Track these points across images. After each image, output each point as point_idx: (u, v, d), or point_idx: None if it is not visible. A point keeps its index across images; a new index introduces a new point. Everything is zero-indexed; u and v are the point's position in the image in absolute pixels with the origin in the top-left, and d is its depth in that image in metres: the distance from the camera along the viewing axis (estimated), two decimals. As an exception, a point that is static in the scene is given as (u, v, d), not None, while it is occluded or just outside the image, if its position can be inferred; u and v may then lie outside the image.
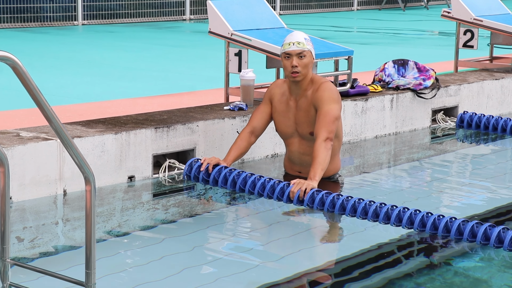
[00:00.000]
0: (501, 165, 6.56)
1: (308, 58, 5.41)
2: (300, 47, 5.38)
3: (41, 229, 4.69)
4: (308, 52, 5.41)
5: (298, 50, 5.38)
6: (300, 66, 5.38)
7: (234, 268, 4.15)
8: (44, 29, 14.95)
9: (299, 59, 5.39)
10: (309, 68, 5.43)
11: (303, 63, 5.39)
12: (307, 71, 5.42)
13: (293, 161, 5.64)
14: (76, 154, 3.06)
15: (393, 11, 20.46)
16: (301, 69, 5.38)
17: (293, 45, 5.39)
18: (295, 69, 5.37)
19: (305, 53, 5.39)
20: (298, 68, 5.38)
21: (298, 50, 5.38)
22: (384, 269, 4.21)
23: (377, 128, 7.12)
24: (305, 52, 5.39)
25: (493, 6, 8.97)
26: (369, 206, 4.84)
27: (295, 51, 5.38)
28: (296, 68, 5.37)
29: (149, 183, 5.61)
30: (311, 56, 5.43)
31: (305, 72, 5.40)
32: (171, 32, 14.99)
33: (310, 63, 5.43)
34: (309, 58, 5.42)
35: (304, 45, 5.39)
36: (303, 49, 5.38)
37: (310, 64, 5.43)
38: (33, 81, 2.93)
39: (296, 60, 5.38)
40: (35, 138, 5.19)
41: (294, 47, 5.38)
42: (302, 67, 5.38)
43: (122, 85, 8.95)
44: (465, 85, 7.89)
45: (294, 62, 5.38)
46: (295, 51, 5.38)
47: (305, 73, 5.41)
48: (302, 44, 5.39)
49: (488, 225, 4.52)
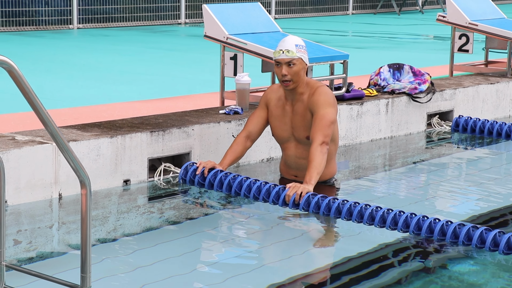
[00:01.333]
0: (496, 169, 6.57)
1: (299, 66, 5.38)
2: (289, 56, 5.35)
3: (37, 232, 4.69)
4: (298, 60, 5.37)
5: (287, 58, 5.35)
6: (290, 74, 5.36)
7: (230, 272, 4.15)
8: (39, 32, 14.95)
9: (289, 67, 5.36)
10: (300, 75, 5.39)
11: (292, 71, 5.37)
12: (298, 78, 5.40)
13: (289, 165, 5.64)
14: (72, 158, 3.06)
15: (388, 15, 20.49)
16: (291, 77, 5.36)
17: (283, 53, 5.35)
18: (285, 78, 5.36)
19: (294, 61, 5.36)
20: (288, 77, 5.36)
21: (287, 59, 5.35)
22: (379, 272, 4.21)
23: (372, 132, 7.12)
24: (294, 60, 5.36)
25: (488, 10, 8.99)
26: (364, 209, 4.85)
27: (284, 60, 5.36)
28: (286, 76, 5.36)
29: (144, 187, 5.61)
30: (302, 63, 5.39)
31: (296, 79, 5.39)
32: (167, 36, 14.99)
33: (301, 70, 5.39)
34: (300, 66, 5.38)
35: (293, 53, 5.35)
36: (292, 57, 5.35)
37: (301, 71, 5.40)
38: (29, 85, 2.93)
39: (285, 68, 5.36)
40: (31, 141, 5.19)
41: (283, 55, 5.35)
42: (292, 75, 5.37)
43: (117, 88, 8.94)
44: (460, 89, 7.90)
45: (284, 71, 5.36)
46: (284, 59, 5.35)
47: (297, 80, 5.39)
48: (292, 52, 5.35)
49: (483, 229, 4.52)
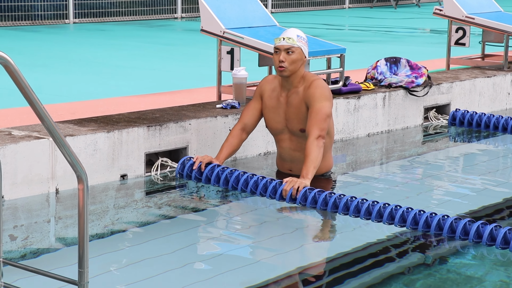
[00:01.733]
0: (493, 163, 6.57)
1: (297, 55, 5.40)
2: (289, 43, 5.38)
3: (34, 227, 4.68)
4: (297, 48, 5.40)
5: (287, 45, 5.38)
6: (287, 61, 5.38)
7: (227, 266, 4.15)
8: (35, 27, 14.92)
9: (287, 54, 5.38)
10: (297, 64, 5.41)
11: (290, 58, 5.38)
12: (295, 67, 5.41)
13: (283, 158, 5.64)
14: (69, 153, 3.05)
15: (385, 9, 20.48)
16: (287, 65, 5.38)
17: (283, 40, 5.40)
18: (282, 64, 5.38)
19: (293, 49, 5.39)
20: (285, 63, 5.38)
21: (286, 45, 5.38)
22: (377, 266, 4.21)
23: (369, 126, 7.12)
24: (293, 48, 5.39)
25: (485, 3, 8.98)
26: (361, 204, 4.85)
27: (283, 46, 5.39)
28: (283, 63, 5.38)
29: (141, 182, 5.60)
30: (301, 54, 5.42)
31: (292, 68, 5.40)
32: (163, 31, 14.97)
33: (299, 60, 5.42)
34: (298, 55, 5.41)
35: (294, 41, 5.39)
36: (292, 45, 5.38)
37: (299, 61, 5.42)
38: (25, 80, 2.92)
39: (283, 55, 5.38)
40: (27, 136, 5.18)
41: (283, 42, 5.39)
42: (289, 63, 5.38)
43: (114, 83, 8.93)
44: (457, 82, 7.90)
45: (281, 57, 5.38)
46: (284, 46, 5.39)
47: (293, 69, 5.40)
48: (293, 40, 5.39)
49: (480, 223, 4.52)
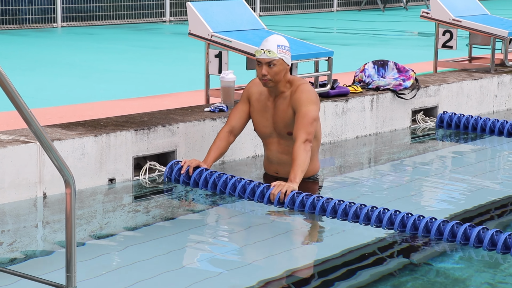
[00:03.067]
0: (480, 165, 6.59)
1: (279, 67, 5.39)
2: (270, 56, 5.36)
3: (21, 232, 4.67)
4: (278, 60, 5.37)
5: (268, 59, 5.36)
6: (270, 74, 5.38)
7: (215, 270, 4.15)
8: (23, 31, 14.88)
9: (269, 67, 5.37)
10: (280, 75, 5.40)
11: (273, 71, 5.38)
12: (278, 78, 5.41)
13: (271, 160, 5.64)
14: (56, 157, 3.05)
15: (373, 12, 20.52)
16: (270, 77, 5.38)
17: (263, 53, 5.37)
18: (265, 78, 5.38)
19: (275, 62, 5.37)
20: (267, 77, 5.38)
21: (267, 59, 5.36)
22: (365, 269, 4.21)
23: (357, 128, 7.14)
24: (275, 61, 5.37)
25: (472, 6, 9.01)
26: (349, 207, 4.85)
27: (264, 60, 5.37)
28: (265, 76, 5.38)
29: (129, 185, 5.60)
30: (282, 64, 5.40)
31: (277, 79, 5.40)
32: (151, 34, 14.96)
33: (282, 70, 5.40)
34: (280, 66, 5.39)
35: (274, 53, 5.36)
36: (272, 58, 5.36)
37: (282, 71, 5.41)
38: (12, 84, 2.92)
39: (265, 68, 5.37)
40: (14, 141, 5.16)
41: (264, 55, 5.37)
42: (272, 75, 5.38)
43: (102, 87, 8.92)
44: (445, 85, 7.93)
45: (264, 70, 5.37)
46: (265, 59, 5.37)
47: (277, 79, 5.40)
48: (273, 53, 5.36)
49: (467, 225, 4.54)
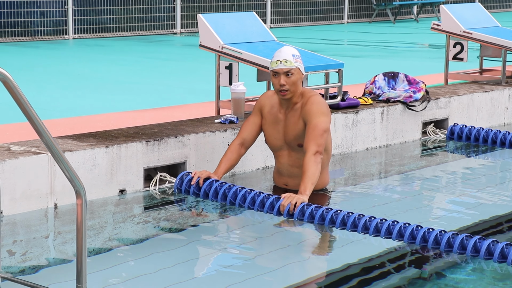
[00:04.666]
0: (491, 177, 6.57)
1: (296, 76, 5.40)
2: (287, 66, 5.37)
3: (32, 243, 4.68)
4: (296, 69, 5.39)
5: (286, 68, 5.37)
6: (288, 84, 5.38)
7: (225, 281, 4.15)
8: (35, 43, 14.95)
9: (287, 77, 5.38)
10: (297, 85, 5.42)
11: (291, 81, 5.39)
12: (296, 88, 5.42)
13: (281, 173, 5.64)
14: (67, 168, 3.07)
15: (383, 24, 20.53)
16: (289, 87, 5.39)
17: (280, 63, 5.38)
18: (283, 88, 5.38)
19: (292, 71, 5.38)
20: (286, 87, 5.38)
21: (285, 68, 5.37)
22: (374, 281, 4.21)
23: (368, 140, 7.14)
24: (292, 70, 5.38)
25: (482, 18, 9.02)
26: (358, 220, 4.85)
27: (282, 70, 5.38)
28: (284, 86, 5.38)
29: (140, 196, 5.61)
30: (299, 73, 5.42)
31: (293, 90, 5.41)
32: (162, 46, 15.00)
33: (299, 80, 5.42)
34: (297, 75, 5.41)
35: (291, 63, 5.38)
36: (290, 67, 5.37)
37: (299, 81, 5.43)
38: (24, 96, 2.94)
39: (283, 78, 5.38)
40: (26, 152, 5.19)
41: (281, 65, 5.38)
42: (290, 85, 5.39)
43: (113, 98, 8.95)
44: (455, 97, 7.92)
45: (282, 80, 5.38)
46: (282, 69, 5.38)
47: (294, 90, 5.41)
48: (290, 62, 5.38)
49: (477, 238, 4.53)
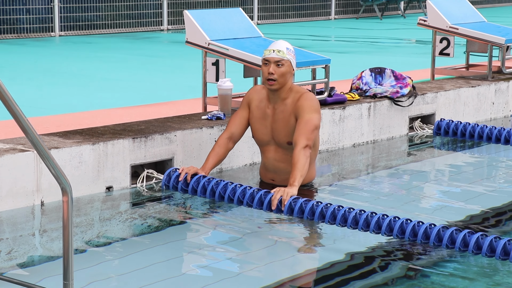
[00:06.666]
0: (478, 172, 6.59)
1: (286, 68, 5.41)
2: (279, 55, 5.39)
3: (18, 240, 4.66)
4: (287, 61, 5.41)
5: (277, 58, 5.39)
6: (277, 74, 5.39)
7: (214, 278, 4.14)
8: (21, 40, 14.90)
9: (277, 67, 5.39)
10: (286, 77, 5.43)
11: (280, 71, 5.39)
12: (284, 80, 5.42)
13: (267, 168, 5.64)
14: (53, 165, 3.05)
15: (371, 20, 20.55)
16: (277, 77, 5.39)
17: (273, 52, 5.40)
18: (271, 77, 5.38)
19: (283, 62, 5.40)
20: (274, 76, 5.38)
21: (276, 58, 5.39)
22: (363, 276, 4.21)
23: (355, 136, 7.14)
24: (283, 61, 5.40)
25: (469, 14, 9.03)
26: (348, 213, 4.85)
27: (273, 59, 5.39)
28: (272, 75, 5.38)
29: (127, 193, 5.60)
30: (290, 66, 5.43)
31: (281, 81, 5.41)
32: (149, 43, 14.97)
33: (288, 73, 5.43)
34: (287, 68, 5.42)
35: (284, 54, 5.39)
36: (282, 57, 5.39)
37: (288, 74, 5.43)
38: (8, 92, 2.92)
39: (273, 67, 5.39)
40: (12, 149, 5.16)
41: (273, 54, 5.39)
42: (279, 76, 5.39)
43: (99, 95, 8.92)
44: (442, 92, 7.93)
45: (271, 69, 5.38)
46: (274, 58, 5.39)
47: (282, 82, 5.41)
48: (282, 52, 5.39)
49: (467, 231, 4.54)
